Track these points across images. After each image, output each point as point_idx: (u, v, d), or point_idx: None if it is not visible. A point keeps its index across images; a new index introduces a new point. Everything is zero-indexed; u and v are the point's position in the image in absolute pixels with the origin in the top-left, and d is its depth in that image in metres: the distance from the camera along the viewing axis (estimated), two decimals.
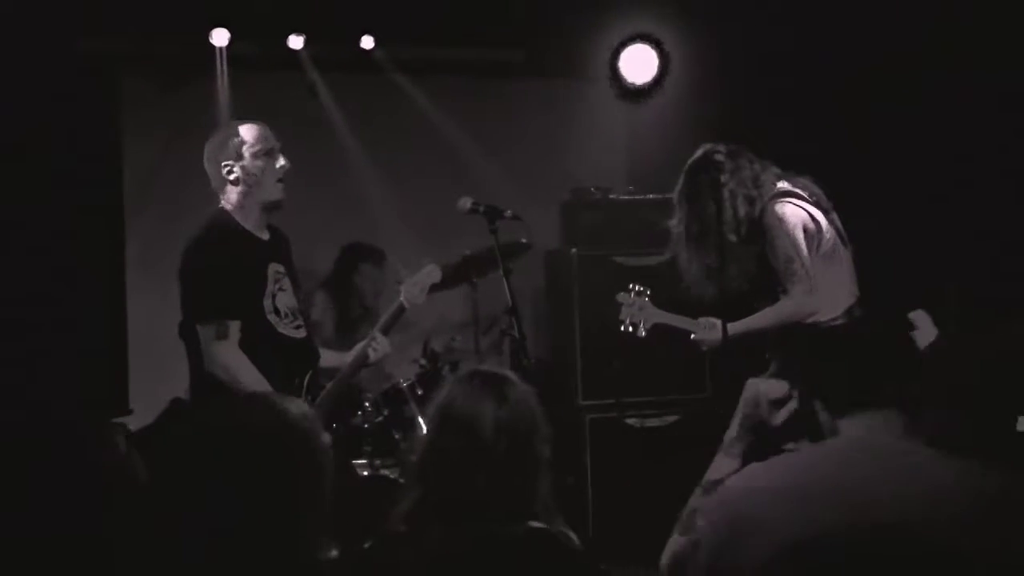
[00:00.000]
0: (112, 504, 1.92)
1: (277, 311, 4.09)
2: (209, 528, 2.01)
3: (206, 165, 4.16)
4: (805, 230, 4.49)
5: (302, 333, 4.18)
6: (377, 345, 4.32)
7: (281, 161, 4.13)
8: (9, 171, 5.93)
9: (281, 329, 4.09)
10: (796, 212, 4.51)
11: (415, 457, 2.51)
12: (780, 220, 4.47)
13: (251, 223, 4.13)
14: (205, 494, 2.04)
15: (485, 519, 2.35)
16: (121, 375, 6.44)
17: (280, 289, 4.14)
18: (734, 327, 4.52)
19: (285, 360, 4.09)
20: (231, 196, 4.12)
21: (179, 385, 5.91)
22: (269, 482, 2.05)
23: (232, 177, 4.09)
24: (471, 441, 2.39)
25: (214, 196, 4.17)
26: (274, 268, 4.14)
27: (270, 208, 4.16)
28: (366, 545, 2.41)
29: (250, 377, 3.90)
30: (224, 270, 3.97)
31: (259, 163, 4.10)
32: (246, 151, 4.10)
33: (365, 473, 4.89)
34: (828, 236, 4.54)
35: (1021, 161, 5.21)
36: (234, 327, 3.95)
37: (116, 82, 6.61)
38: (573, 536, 2.54)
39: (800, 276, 4.43)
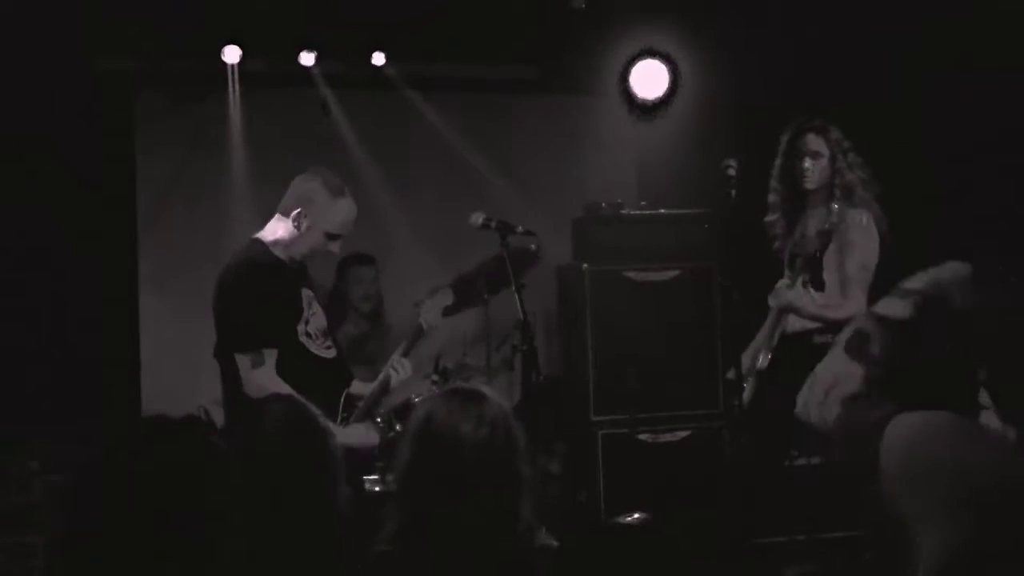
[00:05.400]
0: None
1: (309, 334, 4.25)
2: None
3: (293, 188, 4.26)
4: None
5: (332, 353, 4.34)
6: (398, 366, 4.45)
7: (336, 248, 4.31)
8: (22, 187, 5.96)
9: (313, 350, 4.24)
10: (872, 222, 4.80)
11: (396, 477, 2.51)
12: (868, 227, 4.75)
13: (283, 255, 4.26)
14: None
15: (466, 540, 2.34)
16: (134, 391, 6.45)
17: (312, 313, 4.30)
18: (808, 304, 4.75)
19: (319, 379, 4.24)
20: (279, 229, 4.24)
21: (192, 401, 5.95)
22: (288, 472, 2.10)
23: (299, 224, 4.20)
24: (450, 462, 2.38)
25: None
26: (306, 293, 4.30)
27: (297, 260, 4.30)
28: (359, 566, 2.41)
29: None
30: (259, 302, 4.11)
31: (324, 240, 4.24)
32: (330, 225, 4.23)
33: (376, 489, 4.88)
34: None
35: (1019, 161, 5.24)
36: (270, 355, 4.09)
37: (129, 99, 6.63)
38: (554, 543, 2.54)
39: (865, 286, 4.74)
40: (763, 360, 4.85)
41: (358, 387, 4.52)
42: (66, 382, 6.01)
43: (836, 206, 4.72)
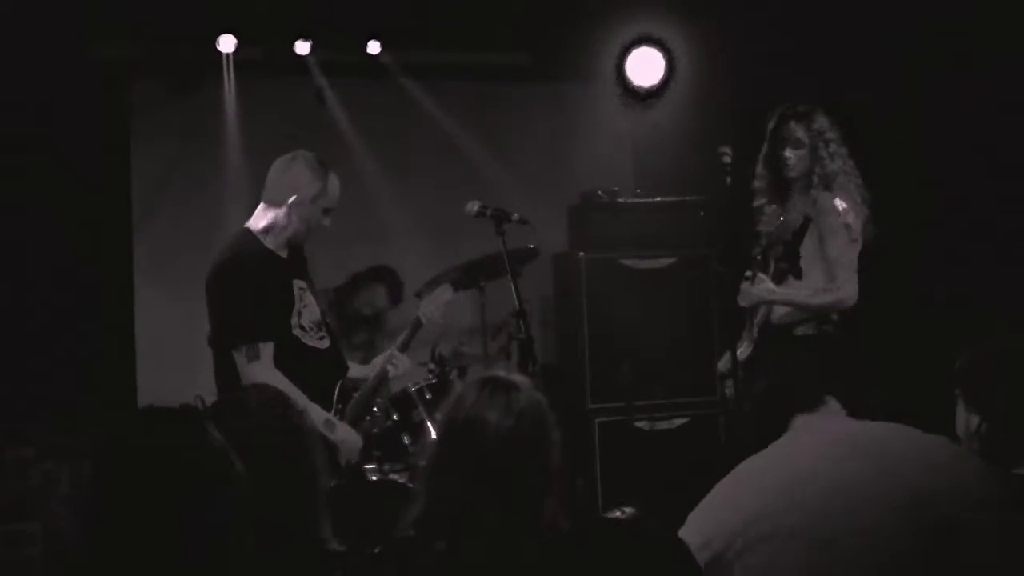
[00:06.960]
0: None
1: (302, 326, 4.22)
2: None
3: (278, 176, 4.22)
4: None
5: (326, 343, 4.31)
6: (397, 362, 4.49)
7: (328, 222, 4.25)
8: (16, 176, 5.94)
9: (307, 341, 4.22)
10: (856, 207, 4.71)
11: (424, 462, 2.50)
12: (845, 212, 4.65)
13: (274, 244, 4.22)
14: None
15: (487, 530, 2.32)
16: (129, 381, 6.44)
17: (304, 305, 4.26)
18: (778, 292, 4.65)
19: (313, 370, 4.22)
20: (269, 216, 4.20)
21: (187, 391, 5.95)
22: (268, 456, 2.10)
23: (292, 210, 4.16)
24: (474, 450, 2.36)
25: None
26: (297, 285, 4.26)
27: (293, 242, 4.27)
28: (376, 550, 2.41)
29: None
30: (253, 295, 4.08)
31: (318, 216, 4.21)
32: (321, 201, 4.19)
33: (374, 478, 4.88)
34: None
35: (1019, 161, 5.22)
36: (266, 348, 4.06)
37: (124, 88, 6.62)
38: None
39: (852, 268, 4.64)
40: (743, 351, 4.85)
41: (355, 371, 4.53)
42: (62, 370, 6.01)
43: (815, 194, 4.70)
